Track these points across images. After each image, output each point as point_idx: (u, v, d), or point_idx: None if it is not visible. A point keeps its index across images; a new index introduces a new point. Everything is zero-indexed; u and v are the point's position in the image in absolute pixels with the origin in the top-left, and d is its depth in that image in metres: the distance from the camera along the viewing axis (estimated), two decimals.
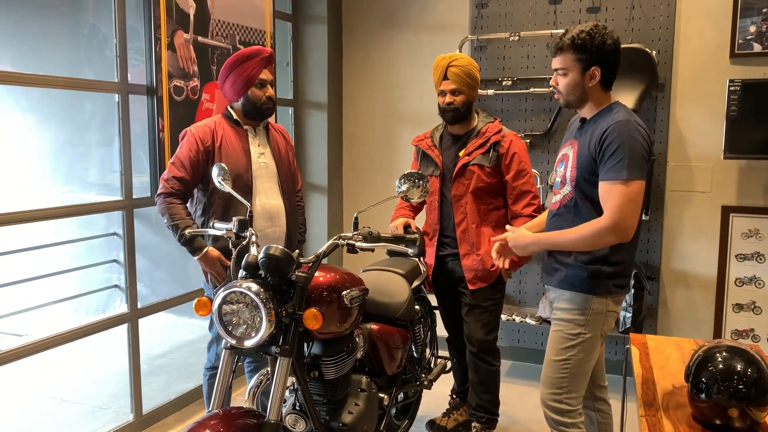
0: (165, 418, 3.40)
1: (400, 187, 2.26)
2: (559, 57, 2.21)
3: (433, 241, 3.03)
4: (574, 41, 2.15)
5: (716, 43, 3.63)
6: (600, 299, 2.22)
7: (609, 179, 2.10)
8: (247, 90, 2.69)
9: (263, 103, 2.72)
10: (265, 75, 2.72)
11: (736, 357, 1.72)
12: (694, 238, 3.77)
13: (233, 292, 1.89)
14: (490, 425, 3.06)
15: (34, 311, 4.97)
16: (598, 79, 2.17)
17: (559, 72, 2.23)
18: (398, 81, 4.45)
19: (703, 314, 3.79)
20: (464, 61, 2.87)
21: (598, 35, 2.13)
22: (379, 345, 2.51)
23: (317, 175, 4.51)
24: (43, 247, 5.27)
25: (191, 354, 4.52)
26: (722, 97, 3.55)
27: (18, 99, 5.57)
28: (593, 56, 2.14)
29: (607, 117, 2.16)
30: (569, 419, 2.29)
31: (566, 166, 2.26)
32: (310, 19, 4.43)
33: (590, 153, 2.15)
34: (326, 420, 2.23)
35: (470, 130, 2.95)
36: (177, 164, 2.65)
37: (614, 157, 2.08)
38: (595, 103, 2.22)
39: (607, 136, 2.10)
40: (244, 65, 2.66)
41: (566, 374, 2.27)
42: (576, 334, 2.25)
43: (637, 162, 2.07)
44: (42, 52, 5.39)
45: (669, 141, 3.75)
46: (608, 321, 2.27)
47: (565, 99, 2.25)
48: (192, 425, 1.79)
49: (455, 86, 2.84)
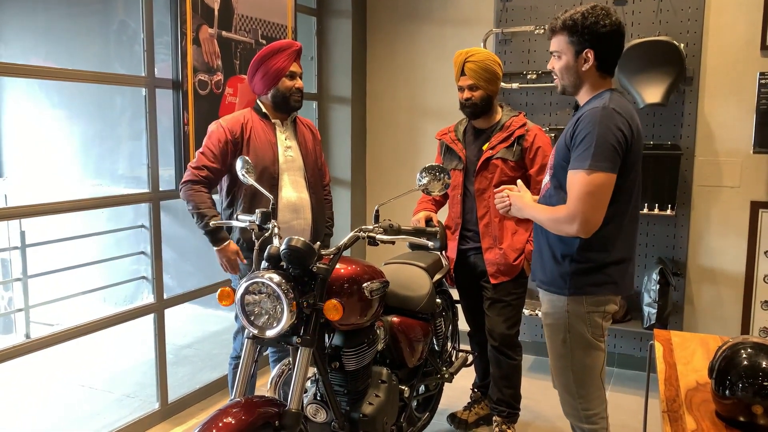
0: (190, 407, 3.46)
1: (421, 180, 2.26)
2: (553, 39, 2.11)
3: (455, 235, 3.03)
4: (565, 23, 2.05)
5: (747, 35, 3.55)
6: (574, 299, 2.09)
7: (573, 167, 1.99)
8: (277, 81, 2.73)
9: (293, 93, 2.77)
10: (295, 67, 2.77)
11: (761, 354, 1.69)
12: (722, 233, 3.71)
13: (255, 282, 1.92)
14: (511, 419, 3.06)
15: (64, 301, 5.09)
16: (592, 63, 2.05)
17: (554, 55, 2.12)
18: (422, 75, 4.44)
19: (731, 311, 3.73)
20: (481, 56, 2.84)
21: (592, 16, 2.01)
22: (400, 337, 2.52)
23: (340, 169, 4.53)
24: (73, 238, 5.39)
25: (216, 345, 4.59)
26: (752, 90, 3.48)
27: (50, 94, 5.70)
28: (585, 38, 2.02)
29: (592, 102, 2.05)
30: (588, 424, 2.20)
31: (551, 155, 2.21)
32: (334, 14, 4.45)
33: (565, 141, 2.06)
34: (347, 410, 2.24)
35: (494, 123, 2.94)
36: (207, 154, 2.70)
37: (581, 145, 1.97)
38: (590, 89, 2.10)
39: (579, 122, 1.99)
40: (275, 57, 2.71)
41: (569, 379, 2.18)
42: (562, 339, 2.14)
43: (604, 153, 1.93)
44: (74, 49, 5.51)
45: (697, 135, 3.69)
46: (593, 321, 2.11)
47: (561, 84, 2.14)
48: (214, 413, 1.82)
49: (472, 81, 2.83)
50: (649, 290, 3.56)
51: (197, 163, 2.71)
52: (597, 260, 2.08)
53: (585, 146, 1.96)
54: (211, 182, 2.73)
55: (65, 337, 2.83)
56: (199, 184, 2.69)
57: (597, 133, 1.95)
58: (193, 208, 2.68)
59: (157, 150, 3.13)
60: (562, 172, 2.07)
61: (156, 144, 3.12)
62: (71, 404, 3.69)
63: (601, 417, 2.20)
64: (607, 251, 2.08)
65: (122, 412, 3.47)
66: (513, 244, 2.88)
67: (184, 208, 2.75)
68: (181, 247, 5.26)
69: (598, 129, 1.95)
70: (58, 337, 2.81)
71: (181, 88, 3.14)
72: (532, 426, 3.28)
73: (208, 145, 2.72)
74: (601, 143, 1.94)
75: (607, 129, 1.95)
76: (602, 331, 2.16)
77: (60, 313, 5.16)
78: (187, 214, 2.75)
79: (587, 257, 2.07)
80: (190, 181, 2.69)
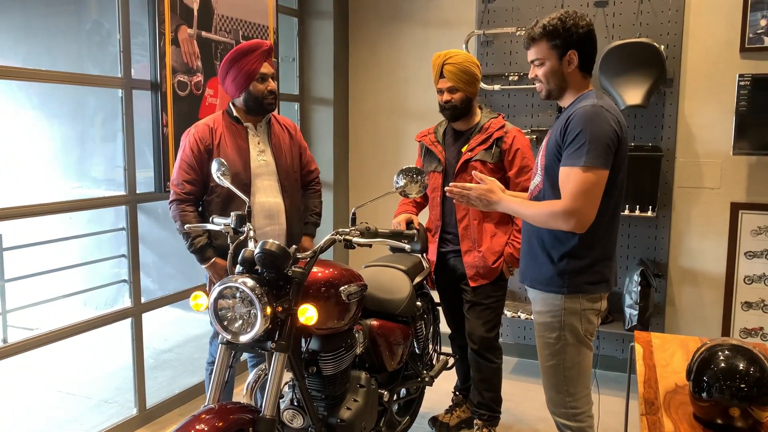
0: (168, 413, 3.41)
1: (398, 182, 2.24)
2: (533, 48, 2.16)
3: (435, 237, 3.01)
4: (545, 29, 2.11)
5: (726, 37, 3.57)
6: (571, 297, 2.13)
7: (567, 164, 2.03)
8: (248, 85, 2.67)
9: (265, 96, 2.70)
10: (266, 68, 2.69)
11: (738, 356, 1.70)
12: (703, 235, 3.72)
13: (229, 287, 1.89)
14: (492, 423, 3.04)
15: (44, 305, 5.01)
16: (576, 64, 2.12)
17: (535, 63, 2.17)
18: (404, 76, 4.43)
19: (712, 312, 3.74)
20: (460, 58, 2.82)
21: (570, 19, 2.09)
22: (380, 341, 2.50)
23: (323, 171, 4.48)
24: (53, 241, 5.31)
25: (197, 349, 4.54)
26: (732, 92, 3.49)
27: (29, 95, 5.62)
28: (568, 40, 2.09)
29: (579, 102, 2.10)
30: (575, 422, 2.22)
31: (540, 156, 2.22)
32: (316, 15, 4.42)
33: (556, 140, 2.10)
34: (324, 416, 2.22)
35: (473, 125, 2.92)
36: (183, 167, 2.66)
37: (575, 142, 2.01)
38: (574, 91, 2.16)
39: (571, 121, 2.04)
40: (244, 60, 2.64)
41: (561, 378, 2.21)
42: (556, 337, 2.18)
43: (599, 150, 1.99)
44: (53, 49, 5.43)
45: (677, 137, 3.70)
46: (587, 319, 2.17)
47: (546, 89, 2.18)
48: (187, 419, 1.79)
49: (451, 84, 2.81)
50: (630, 292, 3.57)
51: (177, 179, 2.67)
52: (590, 257, 2.13)
53: (578, 143, 2.00)
54: (196, 195, 2.69)
55: (42, 341, 2.79)
56: (184, 202, 2.65)
57: (590, 131, 2.00)
58: (179, 227, 2.66)
59: (133, 152, 3.08)
60: (553, 172, 2.10)
61: (132, 146, 3.08)
62: (48, 410, 3.63)
63: (588, 415, 2.24)
64: (598, 248, 2.14)
65: (100, 418, 3.42)
66: (492, 246, 2.87)
67: (165, 210, 2.73)
68: (162, 250, 5.20)
69: (591, 126, 2.00)
70: (34, 342, 2.76)
71: (159, 89, 3.10)
72: (514, 428, 3.27)
73: (183, 158, 2.67)
74: (595, 140, 1.99)
75: (600, 126, 2.00)
76: (593, 330, 2.22)
77: (39, 317, 5.08)
78: (167, 216, 2.72)
79: (582, 254, 2.12)
80: (176, 201, 2.66)
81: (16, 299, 5.06)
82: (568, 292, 2.13)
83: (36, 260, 5.39)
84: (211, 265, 2.66)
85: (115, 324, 3.14)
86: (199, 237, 2.64)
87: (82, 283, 5.46)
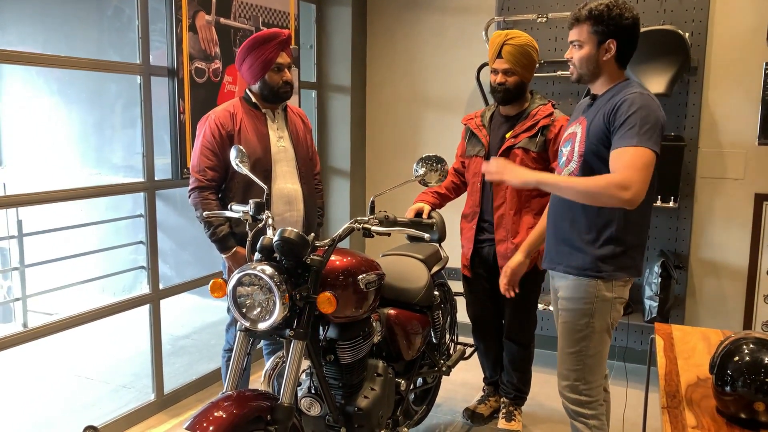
0: (186, 399, 3.44)
1: (417, 170, 2.22)
2: (575, 29, 2.17)
3: (472, 224, 2.95)
4: (591, 12, 2.11)
5: (753, 24, 3.49)
6: (606, 284, 2.16)
7: (620, 145, 2.03)
8: (264, 74, 2.66)
9: (280, 87, 2.69)
10: (282, 59, 2.67)
11: (764, 350, 1.66)
12: (725, 226, 3.66)
13: (247, 274, 1.89)
14: (517, 402, 3.08)
15: (63, 291, 5.07)
16: (613, 53, 2.12)
17: (574, 44, 2.18)
18: (422, 64, 4.39)
19: (733, 305, 3.69)
20: (522, 39, 2.74)
21: (616, 8, 2.10)
22: (397, 330, 2.49)
23: (339, 160, 4.49)
24: (71, 227, 5.37)
25: (214, 335, 4.57)
26: (758, 81, 3.42)
27: (48, 82, 5.66)
28: (610, 29, 2.10)
29: (624, 90, 2.11)
30: (589, 410, 2.25)
31: (573, 142, 2.19)
32: (334, 2, 4.39)
33: (604, 123, 2.09)
34: (341, 404, 2.22)
35: (521, 111, 2.84)
36: (205, 153, 2.64)
37: (626, 125, 2.02)
38: (608, 79, 2.17)
39: (622, 105, 2.05)
40: (260, 48, 2.62)
41: (581, 365, 2.23)
42: (584, 323, 2.20)
43: (650, 132, 2.01)
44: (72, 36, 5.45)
45: (701, 126, 3.63)
46: (616, 308, 2.21)
47: (578, 72, 2.19)
48: (205, 406, 1.79)
49: (508, 66, 2.73)
50: (650, 283, 3.52)
51: (198, 165, 2.65)
52: (627, 243, 2.15)
53: (630, 125, 2.02)
54: (218, 182, 2.68)
55: (61, 326, 2.81)
56: (206, 189, 2.64)
57: (642, 115, 2.02)
58: (200, 216, 2.64)
59: (152, 139, 3.09)
60: (594, 158, 2.11)
61: (151, 133, 3.08)
62: (67, 394, 3.68)
63: (599, 404, 2.28)
64: (635, 234, 2.17)
65: (118, 403, 3.46)
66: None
67: (183, 197, 2.73)
68: (179, 237, 5.23)
69: (644, 111, 2.02)
70: (54, 327, 2.78)
71: (176, 75, 3.09)
72: (531, 417, 3.26)
73: (203, 143, 2.65)
74: (647, 124, 2.01)
75: (651, 111, 2.03)
76: (618, 319, 2.25)
77: (58, 303, 5.15)
78: (185, 203, 2.72)
79: (621, 240, 2.14)
80: (198, 188, 2.64)
81: (35, 285, 5.13)
82: (607, 278, 2.15)
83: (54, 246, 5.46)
84: (232, 254, 2.65)
85: (133, 310, 3.16)
86: (221, 225, 2.62)
87: (100, 269, 5.52)
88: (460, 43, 4.23)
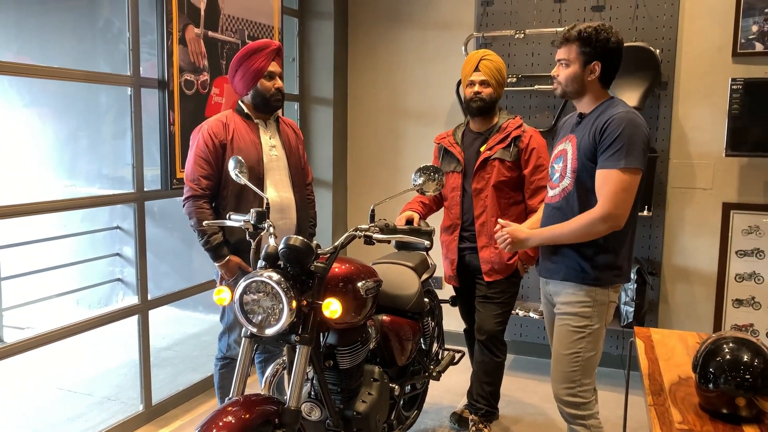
0: (173, 409, 3.44)
1: (416, 180, 2.30)
2: (564, 48, 2.29)
3: (454, 236, 3.07)
4: (580, 34, 2.24)
5: (719, 42, 3.68)
6: (603, 290, 2.29)
7: (606, 167, 2.17)
8: (256, 82, 2.73)
9: (272, 94, 2.76)
10: (274, 67, 2.76)
11: (743, 348, 1.76)
12: (696, 234, 3.83)
13: (255, 281, 1.93)
14: (488, 418, 3.10)
15: (36, 304, 4.99)
16: (598, 75, 2.25)
17: (562, 62, 2.30)
18: (403, 77, 4.49)
19: (704, 309, 3.85)
20: (496, 58, 2.99)
21: (604, 32, 2.24)
22: (391, 336, 2.56)
23: (322, 171, 4.54)
24: (46, 240, 5.28)
25: (196, 347, 4.55)
26: (724, 95, 3.60)
27: (21, 92, 5.57)
28: (596, 51, 2.23)
29: (609, 109, 2.24)
30: (585, 411, 2.34)
31: (565, 159, 2.32)
32: (316, 15, 4.46)
33: (591, 141, 2.22)
34: (341, 408, 2.27)
35: (491, 126, 3.01)
36: (199, 162, 2.68)
37: (614, 145, 2.15)
38: (593, 98, 2.30)
39: (609, 124, 2.17)
40: (252, 58, 2.70)
41: (577, 367, 2.32)
42: (583, 326, 2.31)
43: (636, 152, 2.14)
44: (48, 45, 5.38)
45: (671, 138, 3.80)
46: (610, 310, 2.34)
47: (563, 89, 2.32)
48: (214, 412, 1.82)
49: (485, 77, 2.92)
50: (626, 289, 3.66)
51: (192, 174, 2.68)
52: (619, 251, 2.28)
53: (617, 146, 2.15)
54: (211, 191, 2.71)
55: (46, 340, 2.78)
56: (201, 198, 2.67)
57: (629, 135, 2.15)
58: (195, 224, 2.67)
59: (142, 150, 3.10)
60: (586, 174, 2.24)
61: (141, 144, 3.10)
62: (50, 408, 3.62)
63: (594, 403, 2.39)
64: (626, 243, 2.30)
65: (104, 415, 3.43)
66: None
67: (161, 208, 2.74)
68: (157, 249, 5.18)
69: (631, 131, 2.16)
70: (38, 341, 2.75)
71: (167, 87, 3.12)
72: (512, 424, 3.34)
73: (197, 153, 2.69)
74: (633, 143, 2.15)
75: (637, 131, 2.17)
76: (610, 322, 2.38)
77: (32, 316, 5.05)
78: (164, 215, 2.73)
79: (614, 249, 2.27)
80: (192, 197, 2.68)
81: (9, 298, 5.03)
82: (604, 284, 2.28)
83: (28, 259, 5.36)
84: (225, 263, 2.69)
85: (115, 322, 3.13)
86: (215, 234, 2.66)
87: (74, 282, 5.44)
88: (440, 57, 4.34)
